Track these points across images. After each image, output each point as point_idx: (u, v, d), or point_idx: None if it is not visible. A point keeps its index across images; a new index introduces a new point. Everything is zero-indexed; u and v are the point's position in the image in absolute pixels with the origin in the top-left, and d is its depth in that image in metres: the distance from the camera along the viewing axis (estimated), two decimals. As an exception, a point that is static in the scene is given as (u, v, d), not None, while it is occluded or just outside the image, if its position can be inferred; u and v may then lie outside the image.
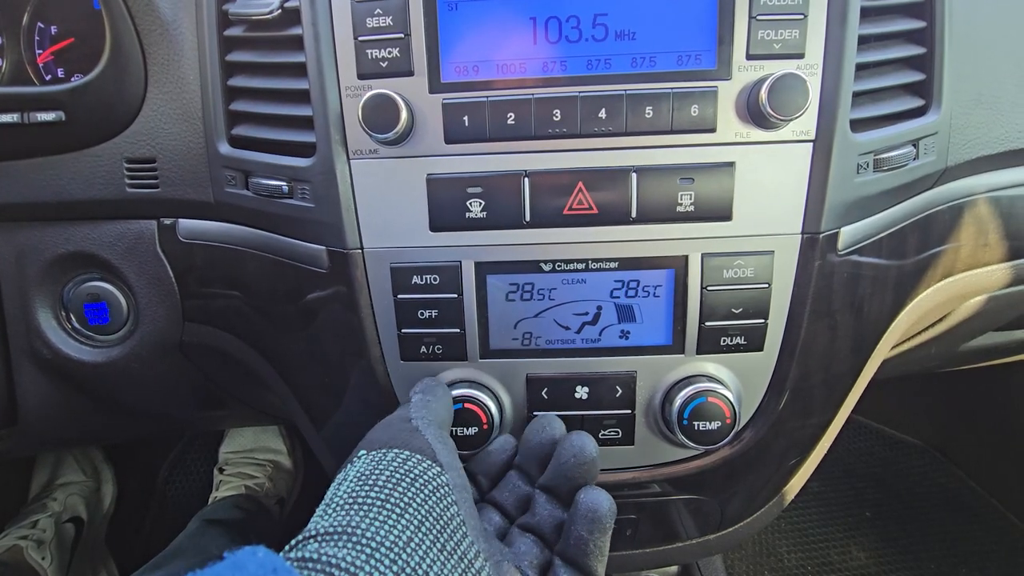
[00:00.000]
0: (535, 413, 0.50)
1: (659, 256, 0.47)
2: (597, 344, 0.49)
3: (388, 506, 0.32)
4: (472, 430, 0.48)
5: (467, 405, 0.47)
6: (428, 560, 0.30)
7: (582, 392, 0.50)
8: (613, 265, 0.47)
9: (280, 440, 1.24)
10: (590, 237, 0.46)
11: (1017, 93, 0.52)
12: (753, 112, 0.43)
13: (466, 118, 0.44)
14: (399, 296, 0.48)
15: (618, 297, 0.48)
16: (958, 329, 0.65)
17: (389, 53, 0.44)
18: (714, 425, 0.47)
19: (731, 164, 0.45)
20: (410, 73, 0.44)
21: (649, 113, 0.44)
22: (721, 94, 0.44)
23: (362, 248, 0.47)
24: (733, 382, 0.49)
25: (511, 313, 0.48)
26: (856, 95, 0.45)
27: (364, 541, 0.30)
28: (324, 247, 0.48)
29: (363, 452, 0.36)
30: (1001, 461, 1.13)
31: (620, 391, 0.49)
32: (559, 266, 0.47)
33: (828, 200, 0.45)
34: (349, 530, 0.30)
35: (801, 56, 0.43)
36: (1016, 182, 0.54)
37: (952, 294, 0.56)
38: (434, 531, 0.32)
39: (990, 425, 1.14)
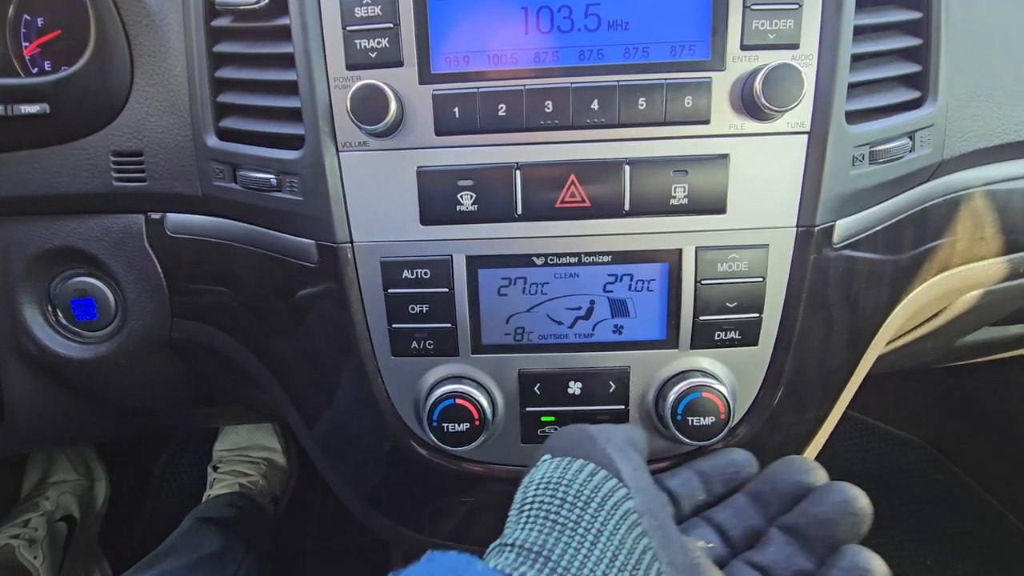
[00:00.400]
0: (527, 409, 0.50)
1: (653, 249, 0.46)
2: (590, 339, 0.49)
3: (580, 530, 0.31)
4: (463, 426, 0.47)
5: (458, 401, 0.47)
6: None
7: (575, 388, 0.49)
8: (606, 259, 0.47)
9: (275, 438, 1.24)
10: (583, 230, 0.46)
11: (1014, 85, 0.51)
12: (747, 103, 0.43)
13: (457, 109, 0.44)
14: (389, 291, 0.47)
15: (611, 291, 0.47)
16: (954, 324, 0.64)
17: (378, 43, 0.43)
18: (708, 420, 0.47)
19: (725, 156, 0.44)
20: (400, 64, 0.44)
21: (642, 104, 0.43)
22: (715, 85, 0.43)
23: (352, 242, 0.47)
24: (727, 377, 0.49)
25: (503, 308, 0.48)
26: (851, 86, 0.44)
27: (560, 571, 0.29)
28: (313, 241, 0.48)
29: (547, 456, 0.35)
30: (997, 457, 1.13)
31: (613, 386, 0.49)
32: (551, 260, 0.47)
33: (823, 193, 0.45)
34: (544, 553, 0.30)
35: (796, 46, 0.43)
36: (1013, 175, 0.54)
37: (948, 288, 0.56)
38: (627, 568, 0.30)
39: (987, 421, 1.14)
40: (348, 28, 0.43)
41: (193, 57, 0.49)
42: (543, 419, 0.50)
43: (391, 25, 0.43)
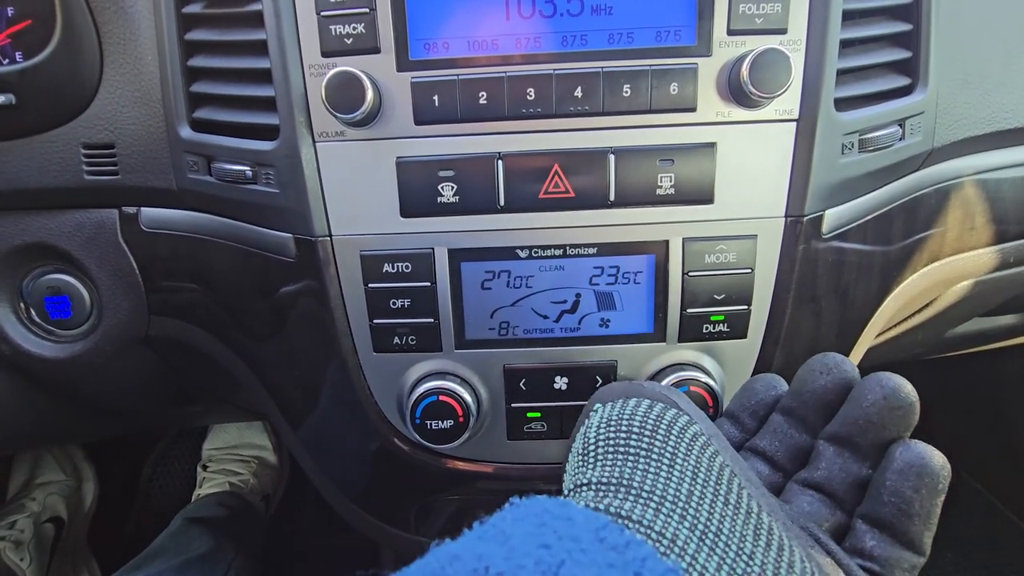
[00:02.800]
0: (513, 405, 0.49)
1: (639, 241, 0.45)
2: (576, 333, 0.48)
3: (654, 455, 0.28)
4: (447, 423, 0.46)
5: (442, 398, 0.46)
6: (716, 515, 0.26)
7: (561, 383, 0.48)
8: (592, 251, 0.46)
9: (265, 436, 1.23)
10: (567, 222, 0.45)
11: (1004, 73, 0.50)
12: (734, 90, 0.42)
13: (436, 98, 0.42)
14: (370, 285, 0.46)
15: (597, 284, 0.46)
16: (944, 315, 0.64)
17: (354, 29, 0.42)
18: (696, 415, 0.46)
19: (712, 145, 0.43)
20: (376, 50, 0.42)
21: (627, 91, 0.42)
22: (701, 71, 0.42)
23: (330, 235, 0.45)
24: (716, 370, 0.48)
25: (487, 302, 0.47)
26: (840, 73, 0.43)
27: (645, 495, 0.27)
28: (291, 235, 0.46)
29: (598, 405, 0.33)
30: (986, 448, 1.13)
31: (600, 381, 0.48)
32: (536, 252, 0.46)
33: (812, 182, 0.44)
34: (624, 482, 0.27)
35: (784, 31, 0.42)
36: (1002, 164, 0.53)
37: (938, 279, 0.55)
38: (710, 483, 0.28)
39: (975, 413, 1.15)
40: (323, 13, 0.42)
41: (164, 45, 0.47)
42: (529, 415, 0.49)
43: (367, 10, 0.42)
